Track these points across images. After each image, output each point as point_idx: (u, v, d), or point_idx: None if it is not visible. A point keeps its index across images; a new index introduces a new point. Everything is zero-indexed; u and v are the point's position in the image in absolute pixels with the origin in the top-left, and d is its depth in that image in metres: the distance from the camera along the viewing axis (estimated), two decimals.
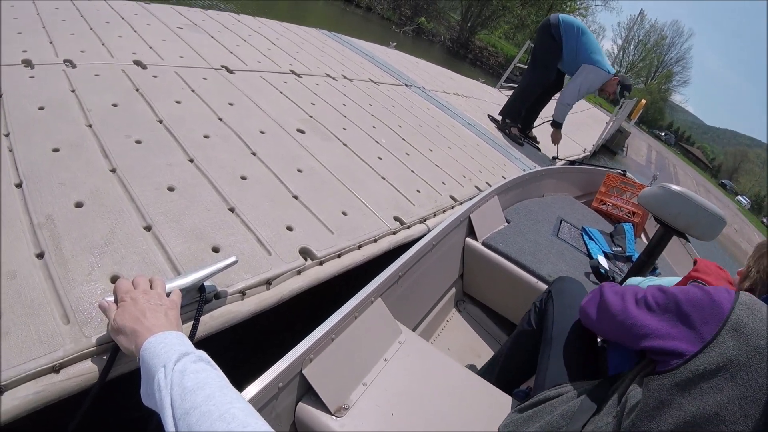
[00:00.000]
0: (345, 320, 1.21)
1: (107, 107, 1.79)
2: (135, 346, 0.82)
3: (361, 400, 1.13)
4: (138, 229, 1.27)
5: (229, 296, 1.21)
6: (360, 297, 1.29)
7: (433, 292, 2.04)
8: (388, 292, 1.48)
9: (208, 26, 3.35)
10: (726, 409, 0.73)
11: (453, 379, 1.32)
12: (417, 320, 1.91)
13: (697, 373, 0.78)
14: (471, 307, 2.31)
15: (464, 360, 1.99)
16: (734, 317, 0.80)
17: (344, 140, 2.48)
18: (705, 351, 0.79)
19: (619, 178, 3.68)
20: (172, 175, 1.54)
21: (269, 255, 1.40)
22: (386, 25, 21.69)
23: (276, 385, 1.00)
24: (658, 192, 1.87)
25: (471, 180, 2.90)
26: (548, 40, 4.40)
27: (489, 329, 2.25)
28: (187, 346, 0.80)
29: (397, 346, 1.34)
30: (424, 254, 1.75)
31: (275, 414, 1.04)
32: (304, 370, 1.07)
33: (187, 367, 0.73)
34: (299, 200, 1.75)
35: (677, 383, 0.80)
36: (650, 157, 27.30)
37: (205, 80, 2.39)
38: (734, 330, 0.79)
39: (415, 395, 1.21)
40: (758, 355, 0.75)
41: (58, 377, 0.89)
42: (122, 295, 0.92)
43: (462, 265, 2.25)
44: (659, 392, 0.81)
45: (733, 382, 0.75)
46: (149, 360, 0.77)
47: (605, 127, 9.17)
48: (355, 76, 3.90)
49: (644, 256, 1.99)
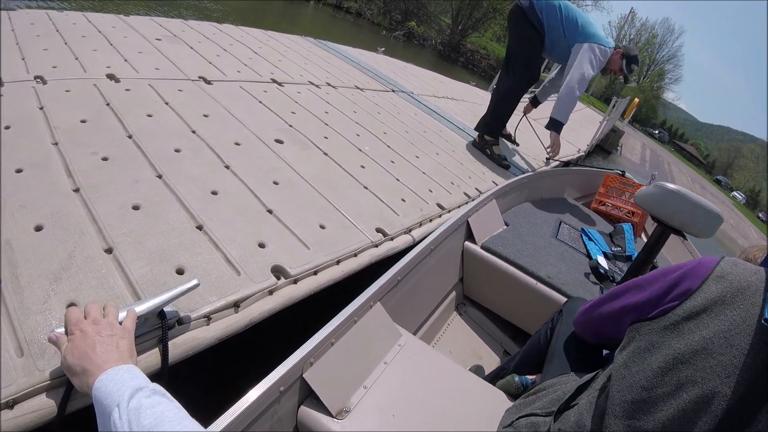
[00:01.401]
0: (344, 324, 1.21)
1: (75, 124, 1.74)
2: (87, 386, 0.78)
3: (362, 403, 1.14)
4: (98, 252, 1.21)
5: (192, 321, 1.15)
6: (359, 302, 1.29)
7: (433, 295, 2.04)
8: (387, 297, 1.48)
9: (187, 37, 3.30)
10: (712, 342, 0.76)
11: (454, 381, 1.33)
12: (417, 324, 1.91)
13: (683, 316, 0.82)
14: (472, 310, 2.31)
15: (466, 363, 2.01)
16: (719, 269, 0.85)
17: (325, 149, 2.42)
18: (692, 297, 0.83)
19: (618, 178, 3.65)
20: (138, 193, 1.48)
21: (238, 275, 1.33)
22: (376, 30, 21.70)
23: (277, 389, 1.01)
24: (655, 191, 1.86)
25: (459, 186, 2.84)
26: (525, 30, 3.54)
27: (490, 332, 2.26)
28: (140, 380, 0.76)
29: (397, 349, 1.35)
30: (423, 258, 1.75)
31: (277, 417, 1.04)
32: (305, 374, 1.08)
33: (142, 403, 0.70)
34: (274, 214, 1.69)
35: (666, 326, 0.84)
36: (645, 156, 27.36)
37: (181, 92, 2.33)
38: (718, 278, 0.83)
39: (416, 397, 1.22)
40: (741, 294, 0.79)
41: (12, 413, 0.86)
42: (71, 328, 0.87)
43: (462, 268, 2.25)
44: (649, 335, 0.86)
45: (717, 319, 0.78)
46: (102, 399, 0.73)
47: (599, 127, 9.14)
48: (339, 83, 3.84)
49: (643, 255, 1.98)
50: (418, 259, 1.68)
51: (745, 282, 0.80)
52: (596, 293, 2.07)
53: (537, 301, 2.04)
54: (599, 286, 2.16)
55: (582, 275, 2.22)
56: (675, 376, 0.78)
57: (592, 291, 2.08)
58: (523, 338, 2.22)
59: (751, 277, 0.81)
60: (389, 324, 1.40)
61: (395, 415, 1.14)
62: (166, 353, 1.04)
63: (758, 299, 0.77)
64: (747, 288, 0.79)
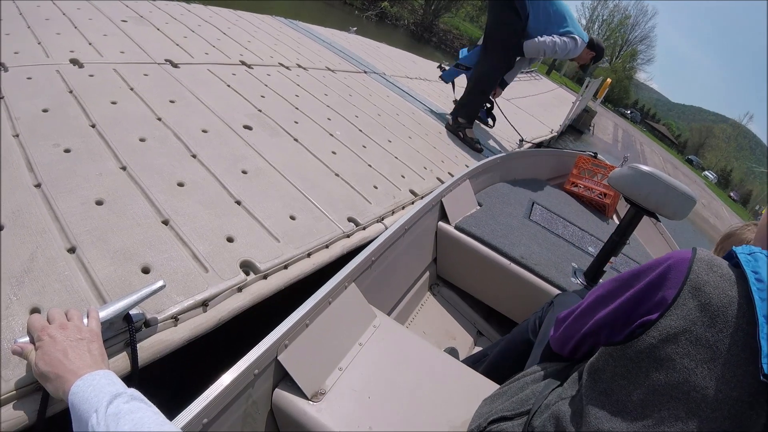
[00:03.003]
0: (319, 306, 1.21)
1: (37, 113, 1.67)
2: (62, 392, 0.77)
3: (337, 385, 1.14)
4: (61, 253, 1.18)
5: (160, 323, 1.12)
6: (333, 282, 1.29)
7: (407, 276, 2.04)
8: (362, 277, 1.48)
9: (154, 18, 3.19)
10: (695, 374, 0.70)
11: (429, 362, 1.33)
12: (391, 305, 1.91)
13: (660, 338, 0.74)
14: (445, 291, 2.32)
15: (440, 343, 2.03)
16: (693, 275, 0.76)
17: (295, 135, 2.38)
18: (667, 314, 0.75)
19: (590, 160, 3.68)
20: (101, 187, 1.44)
21: (206, 272, 1.30)
22: (349, 11, 21.35)
23: (252, 372, 1.00)
24: (628, 173, 1.88)
25: (432, 171, 2.84)
26: (507, 14, 3.49)
27: (464, 312, 2.27)
28: (117, 386, 0.75)
29: (372, 330, 1.35)
30: (397, 239, 1.75)
31: (252, 401, 1.04)
32: (280, 357, 1.08)
33: (120, 408, 0.70)
34: (242, 206, 1.66)
35: (641, 350, 0.76)
36: (617, 136, 27.61)
37: (146, 76, 2.27)
38: (695, 290, 0.75)
39: (392, 378, 1.22)
40: (722, 315, 0.71)
41: None
42: (39, 334, 0.85)
43: (435, 249, 2.25)
44: (623, 362, 0.79)
45: (699, 344, 0.71)
46: (79, 405, 0.72)
47: (571, 107, 9.19)
48: (310, 65, 3.78)
49: (615, 237, 2.01)
50: (392, 240, 1.68)
51: (726, 298, 0.73)
52: (569, 274, 2.10)
53: (510, 282, 2.05)
54: (573, 267, 2.18)
55: (555, 255, 2.24)
56: (657, 411, 0.73)
57: (565, 271, 2.10)
58: (497, 318, 2.26)
59: (731, 290, 0.73)
60: (364, 305, 1.40)
61: (371, 397, 1.15)
62: (135, 357, 1.02)
63: (743, 323, 0.70)
64: (728, 306, 0.72)
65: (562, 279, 2.02)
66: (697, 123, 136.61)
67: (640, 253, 2.90)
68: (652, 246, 3.34)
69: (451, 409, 1.19)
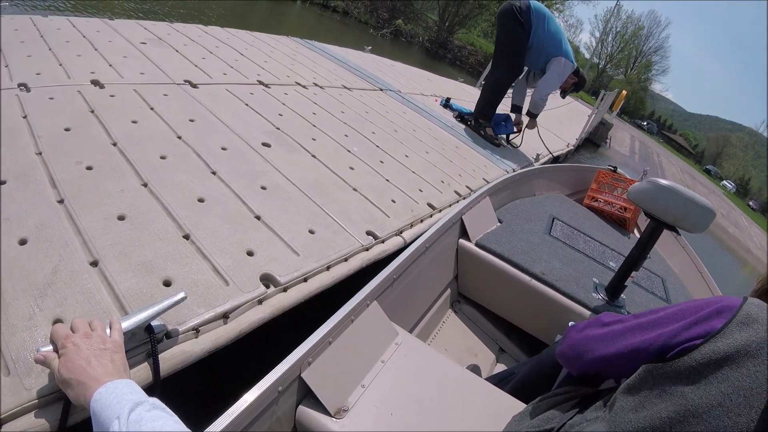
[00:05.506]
0: (341, 324, 1.22)
1: (59, 132, 1.70)
2: (84, 399, 0.78)
3: (360, 402, 1.15)
4: (83, 266, 1.19)
5: (181, 334, 1.13)
6: (355, 301, 1.30)
7: (429, 294, 2.04)
8: (384, 295, 1.49)
9: (173, 40, 3.25)
10: (730, 399, 0.69)
11: (451, 379, 1.33)
12: (413, 322, 1.91)
13: (702, 361, 0.75)
14: (467, 308, 2.32)
15: (462, 360, 2.02)
16: (743, 312, 0.77)
17: (313, 151, 2.40)
18: (712, 340, 0.76)
19: (610, 174, 3.66)
20: (123, 203, 1.45)
21: (226, 285, 1.31)
22: (364, 29, 21.62)
23: (276, 389, 1.02)
24: (647, 187, 1.88)
25: (450, 185, 2.83)
26: (515, 27, 3.99)
27: (485, 329, 2.27)
28: (139, 395, 0.77)
29: (394, 347, 1.36)
30: (418, 257, 1.76)
31: (276, 417, 1.05)
32: (303, 374, 1.09)
33: (142, 416, 0.70)
34: (262, 221, 1.66)
35: (681, 371, 0.77)
36: (634, 148, 27.47)
37: (166, 96, 2.30)
38: (743, 324, 0.75)
39: (414, 395, 1.23)
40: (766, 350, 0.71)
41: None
42: (63, 342, 0.86)
43: (456, 266, 2.25)
44: (661, 380, 0.79)
45: (739, 372, 0.71)
46: (100, 412, 0.73)
47: (588, 120, 9.18)
48: (327, 83, 3.82)
49: (636, 251, 1.99)
50: (413, 258, 1.69)
51: None
52: (590, 290, 2.07)
53: (531, 298, 2.04)
54: (593, 282, 2.15)
55: (576, 271, 2.22)
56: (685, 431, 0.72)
57: (586, 287, 2.08)
58: (518, 335, 2.24)
59: None
60: (386, 323, 1.41)
61: (393, 414, 1.15)
62: (157, 368, 1.02)
63: None
64: None
65: (584, 294, 2.00)
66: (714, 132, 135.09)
67: (661, 267, 2.86)
68: (674, 261, 3.30)
69: (474, 427, 1.19)
